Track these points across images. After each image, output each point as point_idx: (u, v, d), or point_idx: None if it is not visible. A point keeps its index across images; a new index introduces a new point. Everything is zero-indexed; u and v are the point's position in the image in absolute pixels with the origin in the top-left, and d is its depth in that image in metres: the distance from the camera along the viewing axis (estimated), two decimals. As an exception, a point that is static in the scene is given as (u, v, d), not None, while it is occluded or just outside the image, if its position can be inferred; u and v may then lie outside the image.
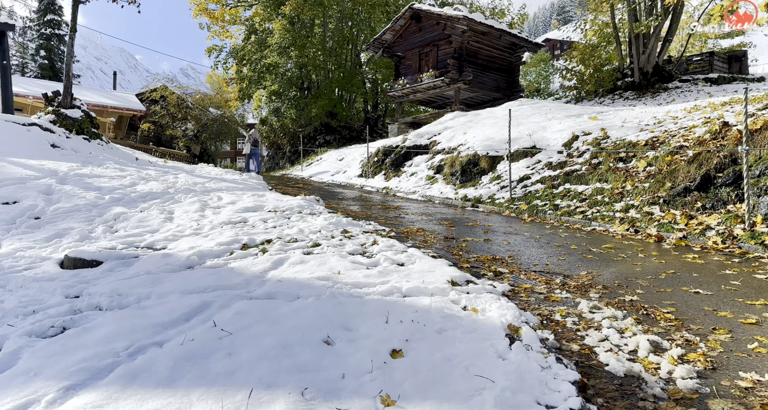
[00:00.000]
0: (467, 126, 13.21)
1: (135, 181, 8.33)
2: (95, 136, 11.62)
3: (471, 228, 6.55)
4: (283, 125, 23.80)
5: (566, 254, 5.07)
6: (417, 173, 11.73)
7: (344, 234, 5.18)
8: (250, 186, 9.25)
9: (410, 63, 21.98)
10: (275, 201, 7.30)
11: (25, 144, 8.90)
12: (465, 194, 9.54)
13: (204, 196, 7.39)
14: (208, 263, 3.97)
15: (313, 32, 23.70)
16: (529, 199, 8.29)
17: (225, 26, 25.51)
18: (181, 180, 9.09)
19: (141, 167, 10.17)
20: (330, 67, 24.26)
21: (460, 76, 19.83)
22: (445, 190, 10.15)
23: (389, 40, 21.97)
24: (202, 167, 14.13)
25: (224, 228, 5.34)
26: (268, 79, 23.49)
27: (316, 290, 3.32)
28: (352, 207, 8.41)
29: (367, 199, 9.89)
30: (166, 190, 7.81)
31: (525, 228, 6.75)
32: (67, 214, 5.85)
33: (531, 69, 34.78)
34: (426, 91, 20.87)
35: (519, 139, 10.15)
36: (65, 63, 11.54)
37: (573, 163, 8.65)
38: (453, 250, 4.97)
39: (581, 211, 7.23)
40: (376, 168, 13.44)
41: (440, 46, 20.76)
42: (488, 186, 9.43)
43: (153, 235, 5.11)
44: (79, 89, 23.68)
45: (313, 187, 12.39)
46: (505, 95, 22.23)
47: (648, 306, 3.41)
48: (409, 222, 6.78)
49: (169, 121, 28.88)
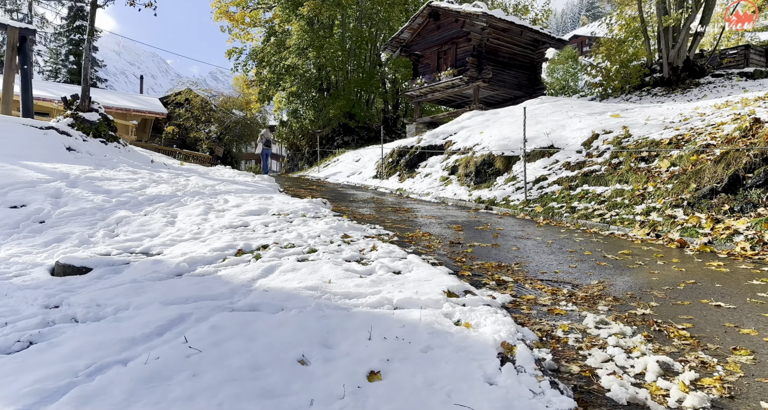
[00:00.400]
0: (484, 125, 12.90)
1: (145, 184, 8.34)
2: (112, 139, 11.76)
3: (480, 232, 6.30)
4: (302, 126, 23.83)
5: (578, 261, 4.78)
6: (431, 174, 11.49)
7: (344, 239, 5.01)
8: (260, 188, 9.18)
9: (428, 62, 21.69)
10: (281, 204, 7.18)
11: (41, 147, 9.04)
12: (479, 196, 9.25)
13: (210, 199, 7.33)
14: (198, 270, 3.85)
15: (331, 33, 23.64)
16: (544, 201, 7.96)
17: (245, 28, 25.72)
18: (191, 182, 9.08)
19: (154, 170, 10.23)
20: (348, 67, 24.17)
21: (480, 74, 19.46)
22: (458, 191, 9.88)
23: (407, 39, 21.73)
24: (218, 169, 14.19)
25: (224, 233, 5.23)
26: (287, 81, 23.55)
27: (301, 301, 3.16)
28: (362, 209, 8.24)
29: (379, 201, 9.71)
30: (174, 192, 7.79)
31: (538, 232, 6.46)
32: (71, 218, 5.85)
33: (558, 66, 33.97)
34: (444, 90, 20.56)
35: (536, 139, 9.80)
36: (83, 67, 11.72)
37: (592, 163, 8.28)
38: (456, 257, 4.74)
39: (599, 214, 6.89)
40: (391, 169, 13.24)
41: (459, 43, 20.42)
42: (503, 187, 9.12)
43: (152, 240, 5.04)
44: (104, 93, 24.22)
45: (326, 189, 12.28)
46: (527, 93, 21.71)
47: (661, 322, 3.12)
48: (417, 226, 6.57)
49: (193, 123, 29.28)
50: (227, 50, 25.02)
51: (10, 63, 11.10)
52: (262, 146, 16.86)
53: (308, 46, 21.81)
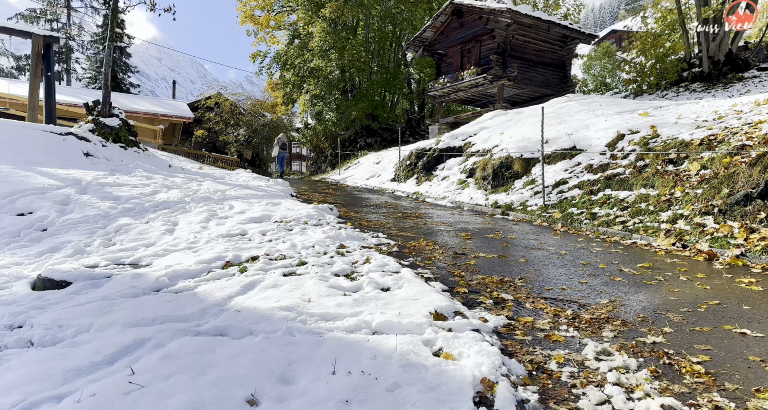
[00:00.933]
0: (506, 125, 12.44)
1: (157, 190, 8.33)
2: (132, 144, 11.91)
3: (489, 241, 5.95)
4: (325, 128, 23.78)
5: (591, 275, 4.39)
6: (449, 177, 11.13)
7: (339, 250, 4.78)
8: (270, 193, 9.07)
9: (452, 61, 21.25)
10: (286, 210, 7.02)
11: (59, 153, 9.19)
12: (495, 200, 8.86)
13: (216, 205, 7.24)
14: (178, 285, 3.69)
15: (354, 34, 23.50)
16: (563, 207, 7.52)
17: (270, 32, 25.88)
18: (203, 188, 9.04)
19: (170, 174, 10.27)
20: (372, 68, 23.97)
21: (504, 72, 18.91)
22: (475, 195, 9.51)
23: (430, 38, 21.35)
24: (237, 173, 14.22)
25: (219, 242, 5.09)
26: (310, 83, 23.55)
27: (273, 324, 2.93)
28: (371, 215, 7.99)
29: (392, 206, 9.44)
30: (182, 198, 7.74)
31: (552, 241, 6.05)
32: (73, 226, 5.84)
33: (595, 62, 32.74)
34: (468, 90, 20.09)
35: (557, 139, 9.33)
36: (103, 73, 11.90)
37: (616, 165, 7.77)
38: (456, 270, 4.43)
39: (621, 221, 6.42)
40: (409, 172, 12.94)
41: (483, 41, 19.91)
42: (521, 191, 8.71)
43: (147, 249, 4.94)
44: (133, 98, 24.83)
45: (341, 192, 12.10)
46: (555, 91, 20.99)
47: (673, 353, 2.75)
48: (423, 234, 6.27)
49: (222, 127, 29.71)
50: (251, 54, 25.25)
51: (35, 70, 11.38)
52: (278, 150, 17.01)
53: (330, 47, 21.73)
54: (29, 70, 32.50)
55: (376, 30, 24.41)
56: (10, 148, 8.68)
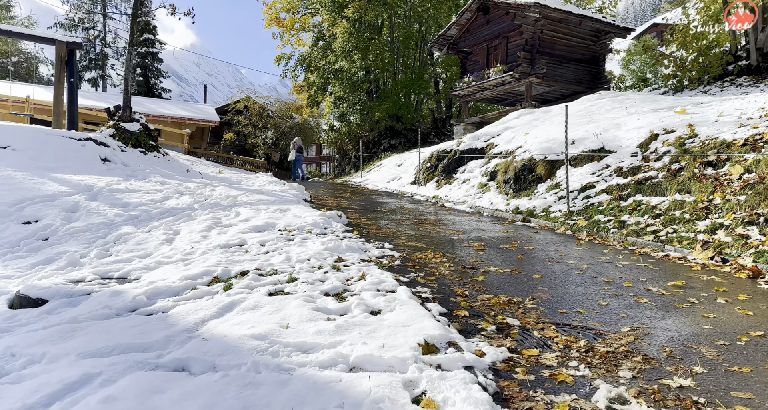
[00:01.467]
0: (531, 125, 11.86)
1: (168, 195, 8.24)
2: (152, 149, 11.96)
3: (504, 252, 5.50)
4: (349, 130, 23.57)
5: (613, 295, 3.92)
6: (470, 180, 10.67)
7: (336, 263, 4.46)
8: (282, 199, 8.85)
9: (477, 58, 20.66)
10: (293, 217, 6.76)
11: (76, 159, 9.25)
12: (517, 206, 8.36)
13: (223, 212, 7.05)
14: (156, 304, 3.45)
15: (378, 33, 23.18)
16: (589, 214, 6.97)
17: (295, 34, 25.87)
18: (216, 193, 8.91)
19: (186, 180, 10.21)
20: (397, 67, 23.61)
21: (532, 69, 18.21)
22: (496, 200, 9.02)
23: (455, 36, 20.82)
24: (257, 176, 14.15)
25: (214, 253, 4.87)
26: (335, 85, 23.39)
27: (240, 356, 2.63)
28: (383, 221, 7.65)
29: (407, 211, 9.06)
30: (191, 204, 7.60)
31: (575, 252, 5.56)
32: (74, 235, 5.73)
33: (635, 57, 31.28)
34: (494, 88, 19.47)
35: (584, 140, 8.74)
36: (124, 77, 12.00)
37: (648, 168, 7.16)
38: (460, 287, 4.03)
39: (653, 231, 5.86)
40: (429, 175, 12.52)
41: (510, 38, 19.25)
42: (544, 196, 8.18)
43: (141, 261, 4.77)
44: (162, 102, 25.28)
45: (358, 196, 11.80)
46: (587, 88, 20.11)
47: (704, 403, 2.30)
48: (433, 244, 5.88)
49: (251, 130, 29.99)
50: (276, 56, 25.29)
51: (59, 76, 11.56)
52: (294, 153, 17.01)
53: (353, 48, 21.49)
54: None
55: (400, 29, 24.02)
56: (28, 155, 8.77)
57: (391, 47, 23.19)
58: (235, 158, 32.79)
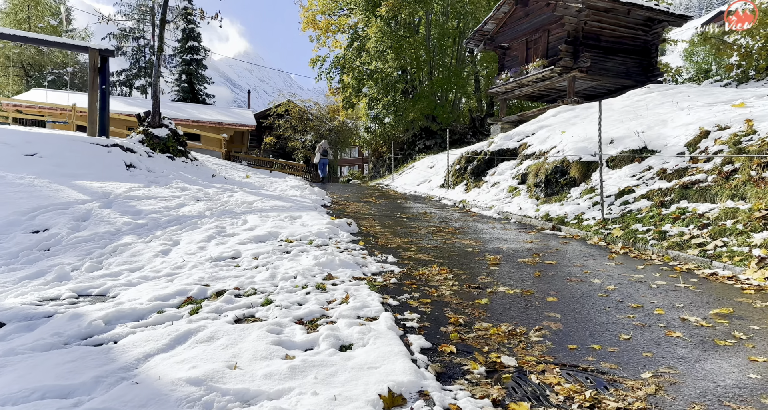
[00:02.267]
0: (570, 123, 11.03)
1: (185, 202, 8.15)
2: (180, 154, 12.04)
3: (521, 267, 4.91)
4: (384, 132, 23.18)
5: (639, 326, 3.30)
6: (499, 183, 9.99)
7: (324, 281, 4.07)
8: (299, 205, 8.56)
9: (516, 54, 19.73)
10: (300, 226, 6.44)
11: (101, 165, 9.37)
12: (547, 212, 7.66)
13: (230, 220, 6.83)
14: (113, 331, 3.17)
15: (412, 31, 22.64)
16: (626, 222, 6.22)
17: (331, 36, 25.79)
18: (233, 199, 8.76)
19: (208, 185, 10.15)
20: (433, 65, 22.99)
21: (575, 63, 17.14)
22: (525, 205, 8.34)
23: (492, 31, 19.98)
24: (286, 180, 14.03)
25: (203, 268, 4.61)
26: (369, 86, 23.08)
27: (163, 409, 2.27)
28: (397, 228, 7.18)
29: (428, 218, 8.53)
30: (203, 212, 7.44)
31: (604, 268, 4.89)
32: (76, 246, 5.64)
33: (698, 48, 28.96)
34: (533, 84, 18.50)
35: (624, 139, 7.92)
36: (152, 83, 12.14)
37: (696, 170, 6.32)
38: (457, 314, 3.52)
39: (699, 244, 5.09)
40: (458, 177, 11.91)
41: (551, 30, 18.23)
42: (577, 201, 7.44)
43: (129, 275, 4.58)
44: (202, 108, 25.81)
45: (383, 201, 11.36)
46: (638, 81, 18.74)
47: None
48: (443, 257, 5.36)
49: (291, 133, 30.31)
50: (310, 59, 25.26)
51: (93, 83, 11.83)
52: (319, 156, 17.00)
53: (387, 47, 21.07)
54: (119, 85, 35.44)
55: (437, 26, 23.37)
56: (54, 162, 8.93)
57: (428, 45, 22.60)
58: (274, 161, 33.23)
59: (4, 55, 28.56)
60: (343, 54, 24.29)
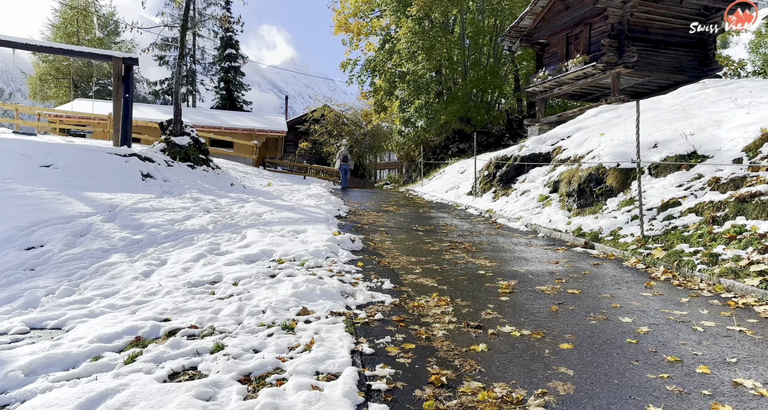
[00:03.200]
0: (611, 124, 10.03)
1: (192, 214, 7.86)
2: (201, 162, 11.88)
3: (537, 298, 4.17)
4: (416, 135, 22.48)
5: (675, 393, 2.55)
6: (530, 191, 9.14)
7: (298, 316, 3.54)
8: (309, 216, 8.09)
9: (555, 50, 18.59)
10: (299, 243, 5.94)
11: (116, 176, 9.26)
12: (579, 225, 6.80)
13: (229, 235, 6.43)
14: (31, 385, 2.72)
15: (445, 31, 21.82)
16: (670, 241, 5.33)
17: (364, 38, 25.35)
18: (243, 210, 8.41)
19: (223, 195, 9.86)
20: (468, 65, 22.08)
21: (620, 58, 15.89)
22: (555, 217, 7.49)
23: (529, 26, 18.91)
24: (309, 188, 13.66)
25: (175, 296, 4.20)
26: (401, 88, 22.45)
27: None
28: (408, 244, 6.55)
29: (447, 231, 7.83)
30: (206, 226, 7.10)
31: (638, 301, 4.08)
32: (61, 265, 5.37)
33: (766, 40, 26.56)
34: (574, 82, 17.32)
35: (670, 142, 6.95)
36: (174, 91, 12.04)
37: (756, 180, 5.34)
38: (442, 367, 2.87)
39: (760, 272, 4.19)
40: (486, 184, 11.09)
41: (593, 24, 17.03)
42: (614, 214, 6.55)
43: (100, 302, 4.24)
44: (235, 115, 25.95)
45: (405, 210, 10.70)
46: (692, 77, 17.20)
47: None
48: (449, 282, 4.69)
49: (327, 138, 30.28)
50: (341, 62, 24.91)
51: (117, 93, 11.87)
52: (339, 162, 17.22)
53: (418, 48, 20.36)
54: (165, 95, 36.45)
55: (472, 24, 22.44)
56: (69, 173, 8.88)
57: (462, 45, 21.73)
58: (308, 167, 33.25)
59: (55, 68, 30.07)
60: (375, 56, 23.79)
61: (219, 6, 35.74)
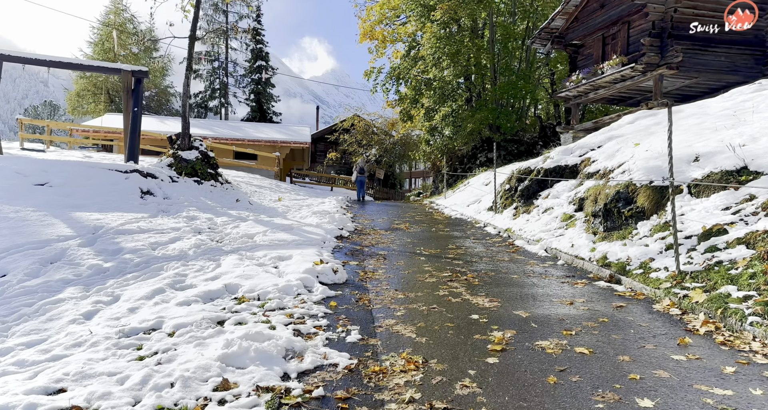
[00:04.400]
0: (648, 132, 8.89)
1: (181, 235, 7.37)
2: (210, 177, 11.49)
3: (534, 359, 3.27)
4: (445, 144, 21.53)
5: None
6: (553, 209, 8.13)
7: (215, 392, 2.80)
8: (304, 239, 7.42)
9: (590, 52, 17.32)
10: (273, 275, 5.27)
11: (112, 193, 8.92)
12: (604, 253, 5.79)
13: (203, 263, 5.84)
14: None
15: (472, 35, 20.83)
16: (713, 280, 4.29)
17: (392, 45, 24.73)
18: (236, 231, 7.86)
19: (223, 212, 9.36)
20: (497, 70, 20.99)
21: (662, 58, 14.51)
22: (579, 241, 6.48)
23: (561, 27, 17.71)
24: (321, 202, 13.05)
25: (98, 350, 3.59)
26: (427, 96, 21.63)
27: None
28: (403, 273, 5.74)
29: (454, 256, 6.94)
30: (187, 250, 6.57)
31: (667, 368, 3.12)
32: (10, 301, 4.88)
33: None
34: (611, 86, 16.00)
35: (715, 155, 5.85)
36: (182, 103, 11.72)
37: (828, 203, 4.23)
38: None
39: (836, 331, 3.14)
40: (507, 199, 10.09)
41: (632, 22, 15.70)
42: (645, 241, 5.51)
43: (17, 355, 3.68)
44: (259, 126, 25.68)
45: (418, 228, 9.84)
46: (749, 77, 15.48)
47: None
48: (431, 330, 3.85)
49: (356, 148, 29.94)
50: (365, 71, 24.27)
51: (127, 106, 11.68)
52: (356, 174, 17.26)
53: (442, 54, 19.48)
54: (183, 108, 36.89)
55: (502, 27, 21.37)
56: (63, 191, 8.60)
57: (491, 49, 20.68)
58: (336, 177, 32.88)
59: (92, 83, 31.05)
60: (399, 64, 23.05)
61: (251, 19, 36.12)
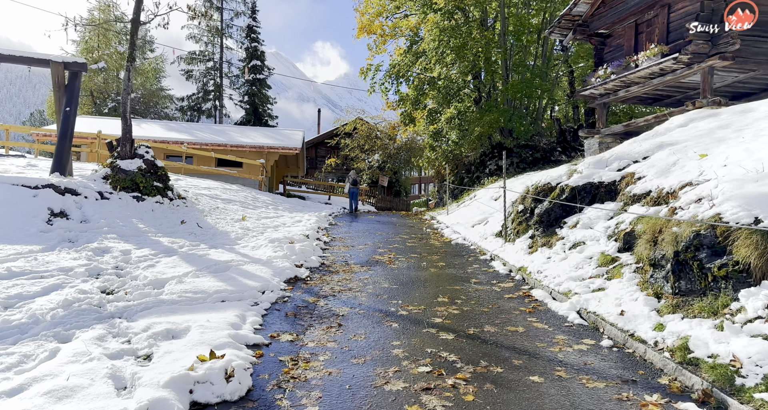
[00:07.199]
0: (714, 138, 6.57)
1: (63, 282, 5.31)
2: (156, 192, 9.38)
3: None
4: (451, 150, 19.24)
5: None
6: (585, 244, 5.85)
7: None
8: (233, 290, 5.23)
9: (620, 42, 14.92)
10: (101, 398, 3.08)
11: (8, 217, 6.88)
12: (684, 337, 3.51)
13: (30, 348, 3.69)
14: None
15: (482, 26, 18.50)
16: None
17: (393, 40, 22.59)
18: (144, 275, 5.72)
19: (151, 242, 7.25)
20: (510, 67, 18.63)
21: (713, 46, 12.03)
22: (632, 305, 4.20)
23: (584, 14, 15.33)
24: (298, 221, 10.90)
25: None
26: (430, 96, 19.38)
27: None
28: (355, 360, 3.51)
29: (446, 315, 4.66)
30: (41, 316, 4.43)
31: None
32: None
33: None
34: (647, 81, 13.57)
35: None
36: (122, 102, 9.62)
37: None
38: None
39: None
40: (520, 224, 7.80)
41: (672, 5, 13.22)
42: (758, 325, 3.23)
43: None
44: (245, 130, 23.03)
45: (402, 263, 7.52)
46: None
47: None
48: None
49: (358, 153, 27.97)
50: (360, 69, 22.00)
51: (59, 104, 9.67)
52: (348, 186, 17.04)
53: (446, 47, 17.17)
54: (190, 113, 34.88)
55: (514, 17, 18.99)
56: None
57: (503, 43, 18.33)
58: (335, 185, 30.71)
59: (76, 85, 29.25)
60: (399, 61, 20.74)
61: (246, 16, 34.19)
